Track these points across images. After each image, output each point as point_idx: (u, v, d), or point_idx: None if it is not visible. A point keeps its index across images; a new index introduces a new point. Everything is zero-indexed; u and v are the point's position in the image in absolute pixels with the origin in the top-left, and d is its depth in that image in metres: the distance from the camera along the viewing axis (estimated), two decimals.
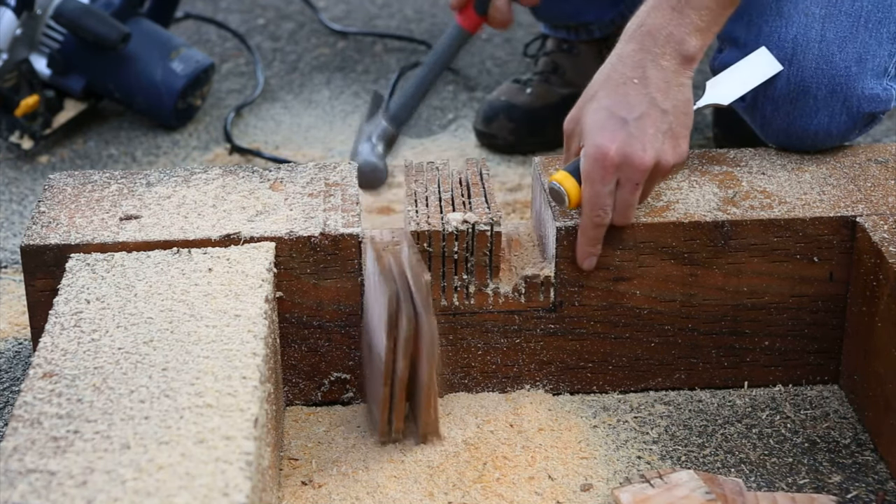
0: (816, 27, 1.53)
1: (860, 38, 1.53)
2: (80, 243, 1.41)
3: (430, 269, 1.45)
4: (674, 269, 1.47)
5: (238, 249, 1.39)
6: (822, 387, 1.54)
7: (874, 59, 1.54)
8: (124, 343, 1.24)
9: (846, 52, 1.53)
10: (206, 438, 1.10)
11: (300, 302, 1.45)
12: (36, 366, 1.21)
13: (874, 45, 1.54)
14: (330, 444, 1.43)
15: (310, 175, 1.54)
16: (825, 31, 1.53)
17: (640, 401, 1.52)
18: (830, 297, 1.49)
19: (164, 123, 2.23)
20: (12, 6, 2.10)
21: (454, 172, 1.56)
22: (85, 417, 1.13)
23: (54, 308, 1.30)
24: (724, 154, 1.59)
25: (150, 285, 1.33)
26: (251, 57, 2.48)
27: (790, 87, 1.54)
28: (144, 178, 1.54)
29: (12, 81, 2.09)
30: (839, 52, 1.53)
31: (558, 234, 1.45)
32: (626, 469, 1.40)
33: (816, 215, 1.46)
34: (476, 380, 1.51)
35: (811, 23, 1.53)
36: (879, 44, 1.54)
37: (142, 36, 2.19)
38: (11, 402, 1.52)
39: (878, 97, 1.55)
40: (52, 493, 1.04)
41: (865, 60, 1.54)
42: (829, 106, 1.54)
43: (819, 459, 1.42)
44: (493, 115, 2.11)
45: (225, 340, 1.24)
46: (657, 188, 1.50)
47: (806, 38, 1.53)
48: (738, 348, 1.51)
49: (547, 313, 1.48)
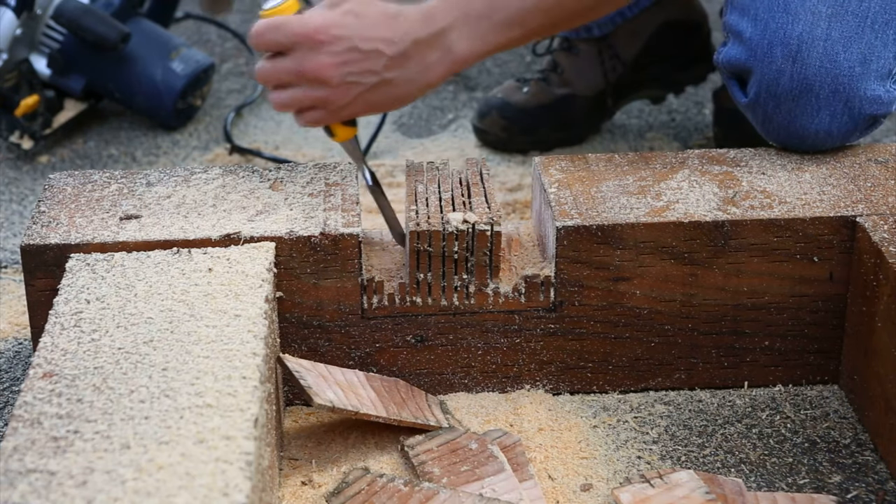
0: (822, 25, 1.53)
1: (866, 38, 1.53)
2: (80, 243, 1.41)
3: (430, 268, 1.45)
4: (674, 269, 1.47)
5: (238, 249, 1.39)
6: (822, 387, 1.54)
7: (878, 60, 1.54)
8: (124, 343, 1.24)
9: (851, 52, 1.53)
10: (206, 438, 1.10)
11: (300, 302, 1.45)
12: (36, 366, 1.20)
13: (879, 46, 1.54)
14: (330, 444, 1.43)
15: (310, 175, 1.54)
16: (831, 30, 1.53)
17: (640, 401, 1.52)
18: (830, 297, 1.49)
19: (164, 123, 2.23)
20: (12, 6, 2.09)
21: (454, 172, 1.56)
22: (85, 417, 1.13)
23: (54, 308, 1.30)
24: (724, 154, 1.59)
25: (150, 285, 1.33)
26: (251, 57, 2.48)
27: (793, 84, 1.54)
28: (144, 177, 1.54)
29: (12, 81, 2.09)
30: (844, 52, 1.53)
31: (558, 234, 1.45)
32: (626, 469, 1.40)
33: (816, 215, 1.46)
34: (476, 380, 1.51)
35: (817, 21, 1.53)
36: (885, 45, 1.54)
37: (142, 36, 2.19)
38: (11, 402, 1.52)
39: (881, 99, 1.55)
40: (52, 493, 1.04)
41: (870, 62, 1.54)
42: (831, 105, 1.54)
43: (819, 459, 1.42)
44: (487, 111, 2.13)
45: (225, 340, 1.24)
46: (657, 188, 1.51)
47: (811, 35, 1.53)
48: (738, 348, 1.51)
49: (547, 313, 1.48)
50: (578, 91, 2.11)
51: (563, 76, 2.13)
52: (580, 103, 2.12)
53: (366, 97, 1.49)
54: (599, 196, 1.50)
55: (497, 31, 1.51)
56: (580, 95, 2.11)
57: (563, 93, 2.11)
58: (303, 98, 1.48)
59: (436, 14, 1.49)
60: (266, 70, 1.48)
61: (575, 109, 2.12)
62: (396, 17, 1.48)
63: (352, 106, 1.49)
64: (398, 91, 1.50)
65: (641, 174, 1.54)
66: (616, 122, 2.22)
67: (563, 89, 2.12)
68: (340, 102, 1.48)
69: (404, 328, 1.48)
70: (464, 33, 1.50)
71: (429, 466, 1.36)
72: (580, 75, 2.12)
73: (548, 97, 2.12)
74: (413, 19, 1.48)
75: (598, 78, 2.11)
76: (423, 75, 1.50)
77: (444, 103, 2.32)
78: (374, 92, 1.49)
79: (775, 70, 1.54)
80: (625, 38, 2.10)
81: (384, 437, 1.43)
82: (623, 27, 2.09)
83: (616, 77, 2.11)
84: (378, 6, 1.48)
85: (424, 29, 1.48)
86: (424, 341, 1.49)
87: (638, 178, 1.53)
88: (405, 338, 1.48)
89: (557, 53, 2.14)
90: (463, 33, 1.50)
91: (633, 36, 2.11)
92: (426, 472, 1.35)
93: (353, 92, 1.48)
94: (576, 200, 1.49)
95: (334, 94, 1.47)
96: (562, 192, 1.50)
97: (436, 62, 1.50)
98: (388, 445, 1.42)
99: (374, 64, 1.47)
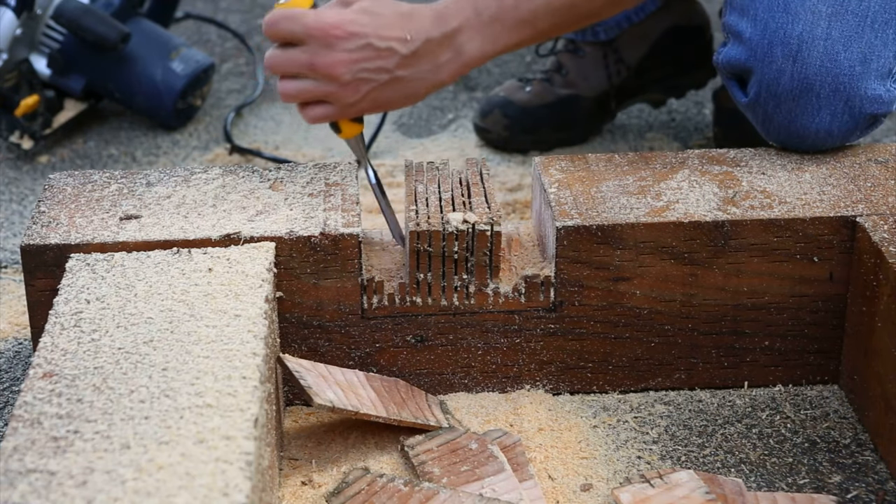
0: (823, 25, 1.53)
1: (866, 38, 1.53)
2: (80, 243, 1.41)
3: (430, 268, 1.45)
4: (674, 269, 1.47)
5: (238, 249, 1.39)
6: (822, 387, 1.54)
7: (879, 59, 1.54)
8: (124, 343, 1.24)
9: (851, 51, 1.53)
10: (206, 438, 1.10)
11: (300, 302, 1.45)
12: (36, 366, 1.20)
13: (879, 45, 1.54)
14: (330, 444, 1.43)
15: (310, 175, 1.54)
16: (831, 30, 1.53)
17: (640, 401, 1.52)
18: (830, 297, 1.49)
19: (164, 123, 2.23)
20: (12, 6, 2.09)
21: (454, 172, 1.56)
22: (85, 417, 1.13)
23: (54, 308, 1.30)
24: (724, 154, 1.59)
25: (150, 285, 1.33)
26: (251, 57, 2.48)
27: (794, 83, 1.54)
28: (144, 178, 1.54)
29: (12, 81, 2.09)
30: (844, 51, 1.53)
31: (558, 234, 1.45)
32: (626, 469, 1.40)
33: (816, 215, 1.46)
34: (476, 380, 1.51)
35: (817, 20, 1.53)
36: (885, 45, 1.54)
37: (142, 36, 2.19)
38: (11, 402, 1.52)
39: (881, 98, 1.55)
40: (52, 493, 1.04)
41: (870, 61, 1.54)
42: (831, 105, 1.54)
43: (819, 459, 1.42)
44: (490, 109, 2.13)
45: (225, 340, 1.24)
46: (657, 188, 1.51)
47: (812, 35, 1.53)
48: (738, 348, 1.51)
49: (547, 313, 1.48)
50: (582, 92, 2.11)
51: (567, 77, 2.13)
52: (583, 104, 2.12)
53: (375, 94, 1.49)
54: (599, 196, 1.50)
55: (508, 32, 1.52)
56: (583, 97, 2.11)
57: (567, 94, 2.11)
58: (312, 91, 1.48)
59: (448, 14, 1.50)
60: (277, 58, 1.48)
61: (577, 110, 2.12)
62: (410, 16, 1.49)
63: (360, 103, 1.50)
64: (407, 89, 1.50)
65: (641, 174, 1.54)
66: (616, 123, 2.22)
67: (567, 90, 2.12)
68: (350, 99, 1.48)
69: (404, 328, 1.48)
70: (475, 34, 1.51)
71: (429, 466, 1.36)
72: (584, 77, 2.12)
73: (551, 97, 2.12)
74: (426, 19, 1.49)
75: (602, 81, 2.11)
76: (434, 74, 1.51)
77: (444, 103, 2.32)
78: (384, 90, 1.49)
79: (776, 70, 1.54)
80: (630, 43, 2.11)
81: (384, 437, 1.43)
82: (629, 31, 2.09)
83: (620, 80, 2.12)
84: (392, 5, 1.49)
85: (437, 28, 1.49)
86: (424, 341, 1.49)
87: (638, 178, 1.53)
88: (405, 338, 1.48)
89: (562, 55, 2.14)
90: (474, 34, 1.51)
91: (639, 40, 2.11)
92: (426, 472, 1.35)
93: (363, 89, 1.48)
94: (576, 200, 1.49)
95: (344, 91, 1.48)
96: (562, 192, 1.50)
97: (447, 62, 1.50)
98: (388, 445, 1.42)
99: (387, 62, 1.47)
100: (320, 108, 1.50)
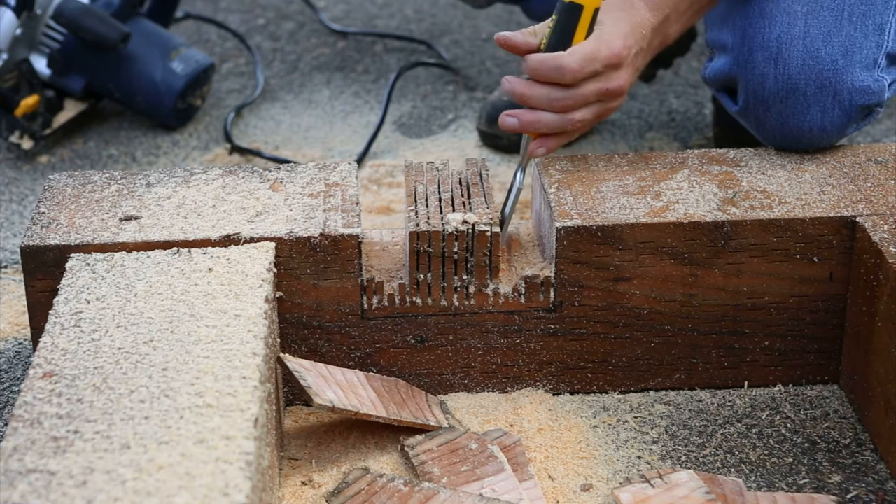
0: (800, 24, 1.54)
1: (845, 31, 1.54)
2: (80, 244, 1.41)
3: (430, 269, 1.45)
4: (674, 269, 1.47)
5: (238, 249, 1.39)
6: (822, 387, 1.54)
7: (861, 51, 1.54)
8: (124, 343, 1.24)
9: (831, 46, 1.53)
10: (206, 438, 1.10)
11: (300, 302, 1.45)
12: (36, 366, 1.21)
13: (860, 37, 1.54)
14: (330, 444, 1.43)
15: (310, 175, 1.54)
16: (808, 27, 1.54)
17: (640, 401, 1.52)
18: (830, 297, 1.49)
19: (164, 123, 2.23)
20: (12, 6, 2.10)
21: (454, 172, 1.56)
22: (85, 417, 1.13)
23: (54, 308, 1.30)
24: (724, 154, 1.59)
25: (150, 285, 1.33)
26: (251, 57, 2.48)
27: (778, 86, 1.55)
28: (144, 178, 1.54)
29: (12, 81, 2.09)
30: (824, 47, 1.53)
31: (558, 234, 1.45)
32: (626, 469, 1.40)
33: (816, 215, 1.46)
34: (476, 380, 1.52)
35: (794, 20, 1.54)
36: (865, 36, 1.54)
37: (142, 36, 2.19)
38: (11, 402, 1.52)
39: (870, 89, 1.55)
40: (52, 493, 1.04)
41: (852, 53, 1.54)
42: (819, 101, 1.54)
43: (819, 459, 1.42)
44: (497, 115, 2.11)
45: (225, 340, 1.24)
46: (657, 188, 1.51)
47: (790, 35, 1.54)
48: (738, 348, 1.51)
49: (547, 313, 1.48)
50: None
51: None
52: None
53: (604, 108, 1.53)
54: (599, 196, 1.50)
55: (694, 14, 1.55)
56: None
57: None
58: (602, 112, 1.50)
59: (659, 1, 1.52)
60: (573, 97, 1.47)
61: None
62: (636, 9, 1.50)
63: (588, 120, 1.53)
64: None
65: (641, 174, 1.54)
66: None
67: None
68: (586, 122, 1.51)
69: (404, 329, 1.48)
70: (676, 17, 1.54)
71: (429, 466, 1.36)
72: None
73: None
74: (645, 8, 1.51)
75: None
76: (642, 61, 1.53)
77: (444, 103, 2.32)
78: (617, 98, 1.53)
79: (759, 74, 1.55)
80: None
81: (384, 437, 1.43)
82: None
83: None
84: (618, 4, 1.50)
85: (656, 16, 1.51)
86: (424, 342, 1.49)
87: (638, 179, 1.53)
88: (405, 338, 1.49)
89: None
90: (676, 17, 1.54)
91: None
92: (426, 472, 1.35)
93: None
94: (576, 200, 1.49)
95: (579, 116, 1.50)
96: (562, 193, 1.50)
97: (655, 47, 1.54)
98: (388, 445, 1.42)
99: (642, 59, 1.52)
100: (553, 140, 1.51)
